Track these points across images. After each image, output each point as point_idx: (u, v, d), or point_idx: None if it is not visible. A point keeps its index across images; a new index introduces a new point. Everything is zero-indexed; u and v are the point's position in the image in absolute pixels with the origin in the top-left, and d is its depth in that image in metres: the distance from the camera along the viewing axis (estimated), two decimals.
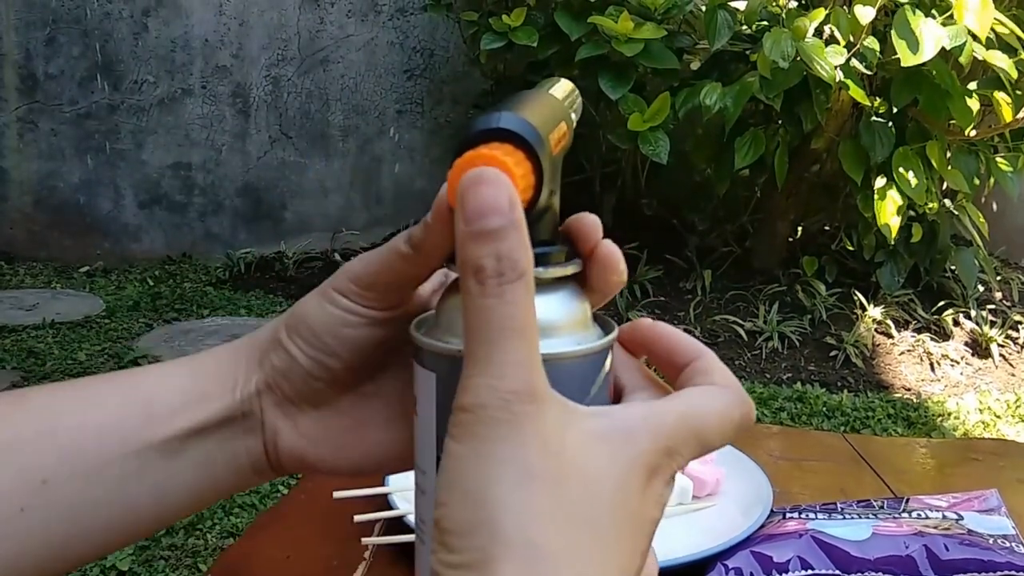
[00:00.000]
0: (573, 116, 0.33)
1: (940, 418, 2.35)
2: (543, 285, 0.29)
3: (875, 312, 2.75)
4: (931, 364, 2.65)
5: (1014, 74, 2.41)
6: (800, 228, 3.13)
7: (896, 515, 0.59)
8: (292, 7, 3.32)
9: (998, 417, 2.39)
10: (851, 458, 0.78)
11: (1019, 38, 2.43)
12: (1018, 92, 2.51)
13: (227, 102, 3.36)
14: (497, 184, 0.25)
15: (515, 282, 0.25)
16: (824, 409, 2.31)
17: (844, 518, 0.59)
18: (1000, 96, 2.49)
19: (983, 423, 2.34)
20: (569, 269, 0.30)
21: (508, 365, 0.24)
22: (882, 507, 0.61)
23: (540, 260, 0.28)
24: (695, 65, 2.88)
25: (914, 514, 0.59)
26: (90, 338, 2.57)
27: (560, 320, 0.29)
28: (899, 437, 1.96)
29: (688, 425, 0.28)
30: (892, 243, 2.69)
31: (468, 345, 0.25)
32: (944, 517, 0.59)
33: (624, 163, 3.08)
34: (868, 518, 0.58)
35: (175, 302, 2.91)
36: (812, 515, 0.59)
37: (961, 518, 0.59)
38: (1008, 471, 0.78)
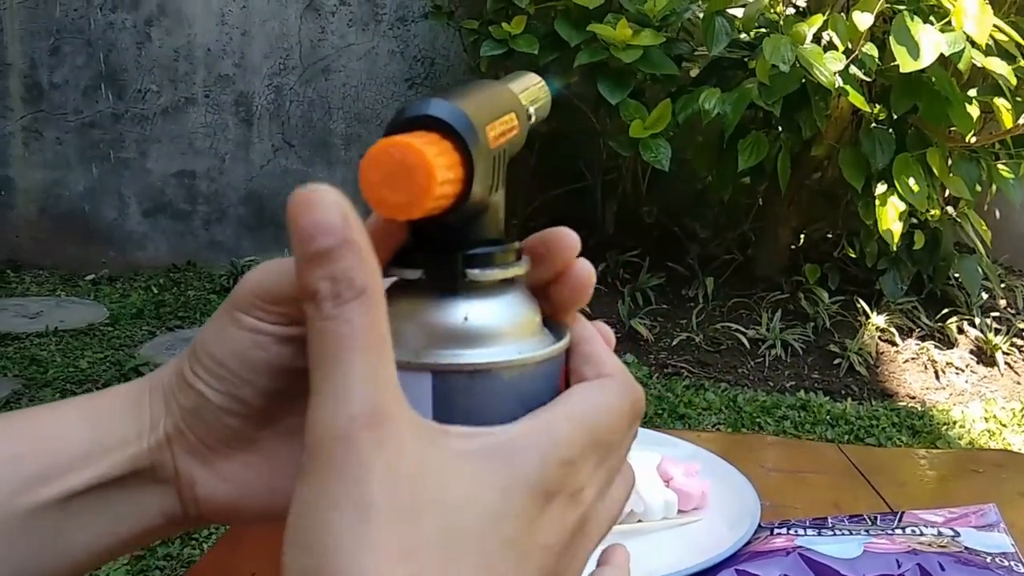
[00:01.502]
0: (531, 110, 0.31)
1: (945, 427, 2.32)
2: (483, 288, 0.27)
3: (879, 320, 2.73)
4: (936, 372, 2.63)
5: (1013, 81, 2.40)
6: (802, 236, 3.12)
7: (889, 531, 0.58)
8: (293, 16, 3.33)
9: (1004, 426, 2.36)
10: (848, 470, 0.76)
11: (1018, 45, 2.42)
12: (1018, 99, 2.49)
13: (230, 111, 3.37)
14: (325, 201, 0.23)
15: (351, 301, 0.23)
16: (828, 418, 2.29)
17: (835, 534, 0.57)
18: (1000, 103, 2.48)
19: (988, 431, 2.32)
20: (511, 271, 0.27)
21: (347, 387, 0.22)
22: (875, 522, 0.59)
23: (480, 261, 0.27)
24: (694, 72, 2.88)
25: (908, 530, 0.58)
26: (92, 346, 2.57)
27: (502, 326, 0.27)
28: (898, 448, 1.94)
29: (583, 430, 0.26)
30: (894, 250, 2.68)
31: (309, 375, 0.23)
32: (940, 533, 0.57)
33: (625, 171, 3.08)
34: (860, 534, 0.57)
35: (179, 310, 2.91)
36: (801, 531, 0.58)
37: (958, 535, 0.57)
38: (1010, 483, 0.76)
